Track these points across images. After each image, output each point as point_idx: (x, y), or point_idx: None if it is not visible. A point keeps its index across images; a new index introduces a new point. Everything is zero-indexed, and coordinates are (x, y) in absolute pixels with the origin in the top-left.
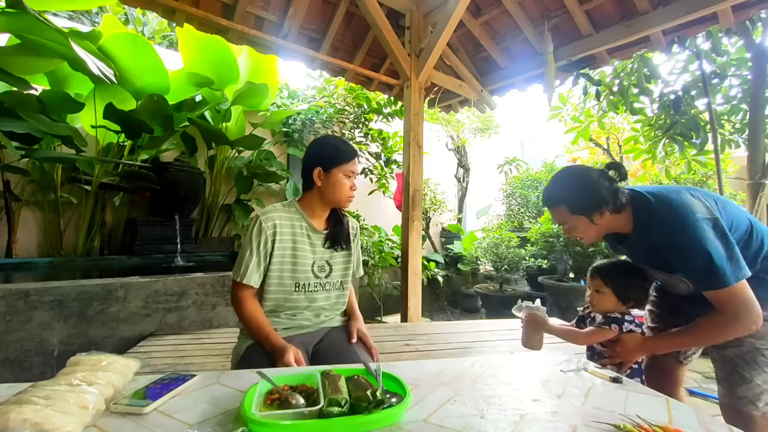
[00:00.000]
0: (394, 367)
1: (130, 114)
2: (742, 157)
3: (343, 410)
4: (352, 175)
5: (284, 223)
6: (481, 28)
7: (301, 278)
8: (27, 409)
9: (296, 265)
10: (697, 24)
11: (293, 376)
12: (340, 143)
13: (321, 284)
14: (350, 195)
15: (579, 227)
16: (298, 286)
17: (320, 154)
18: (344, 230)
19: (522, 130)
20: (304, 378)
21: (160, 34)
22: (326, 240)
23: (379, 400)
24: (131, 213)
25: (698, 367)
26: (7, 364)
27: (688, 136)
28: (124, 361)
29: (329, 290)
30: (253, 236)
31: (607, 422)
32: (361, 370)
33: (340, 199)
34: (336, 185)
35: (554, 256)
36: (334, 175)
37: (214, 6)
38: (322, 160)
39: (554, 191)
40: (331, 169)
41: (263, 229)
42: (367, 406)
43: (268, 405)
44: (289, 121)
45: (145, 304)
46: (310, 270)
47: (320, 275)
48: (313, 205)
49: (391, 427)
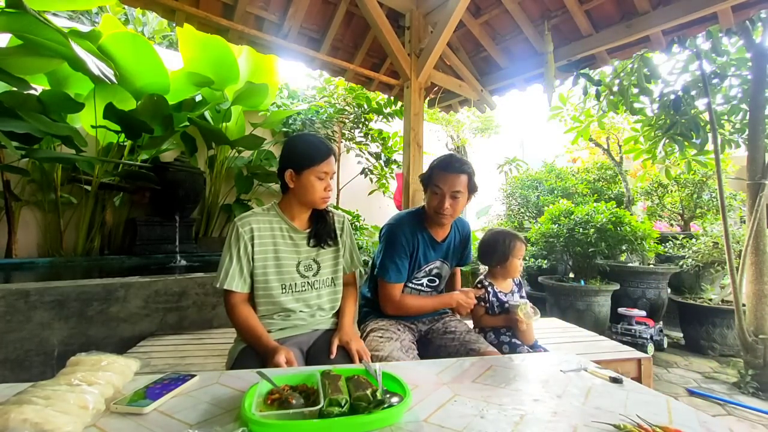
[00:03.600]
0: (394, 367)
1: (130, 114)
2: (742, 157)
3: (343, 410)
4: (325, 176)
5: (263, 227)
6: (481, 28)
7: (286, 279)
8: (27, 409)
9: (280, 267)
10: (697, 24)
11: (293, 376)
12: (310, 144)
13: (309, 283)
14: (324, 196)
15: (462, 201)
16: (285, 288)
17: (291, 156)
18: (328, 226)
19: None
20: (304, 378)
21: (160, 34)
22: (309, 239)
23: (379, 400)
24: (131, 213)
25: (698, 367)
26: (7, 364)
27: (688, 136)
28: (124, 361)
29: (319, 288)
30: (232, 242)
31: (607, 422)
32: (361, 370)
33: (314, 201)
34: (308, 187)
35: (554, 256)
36: (305, 178)
37: (214, 6)
38: (292, 163)
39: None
40: (302, 172)
41: (240, 234)
42: (367, 406)
43: (268, 405)
44: (289, 121)
45: (145, 304)
46: (295, 270)
47: (307, 274)
48: (291, 206)
49: (391, 427)
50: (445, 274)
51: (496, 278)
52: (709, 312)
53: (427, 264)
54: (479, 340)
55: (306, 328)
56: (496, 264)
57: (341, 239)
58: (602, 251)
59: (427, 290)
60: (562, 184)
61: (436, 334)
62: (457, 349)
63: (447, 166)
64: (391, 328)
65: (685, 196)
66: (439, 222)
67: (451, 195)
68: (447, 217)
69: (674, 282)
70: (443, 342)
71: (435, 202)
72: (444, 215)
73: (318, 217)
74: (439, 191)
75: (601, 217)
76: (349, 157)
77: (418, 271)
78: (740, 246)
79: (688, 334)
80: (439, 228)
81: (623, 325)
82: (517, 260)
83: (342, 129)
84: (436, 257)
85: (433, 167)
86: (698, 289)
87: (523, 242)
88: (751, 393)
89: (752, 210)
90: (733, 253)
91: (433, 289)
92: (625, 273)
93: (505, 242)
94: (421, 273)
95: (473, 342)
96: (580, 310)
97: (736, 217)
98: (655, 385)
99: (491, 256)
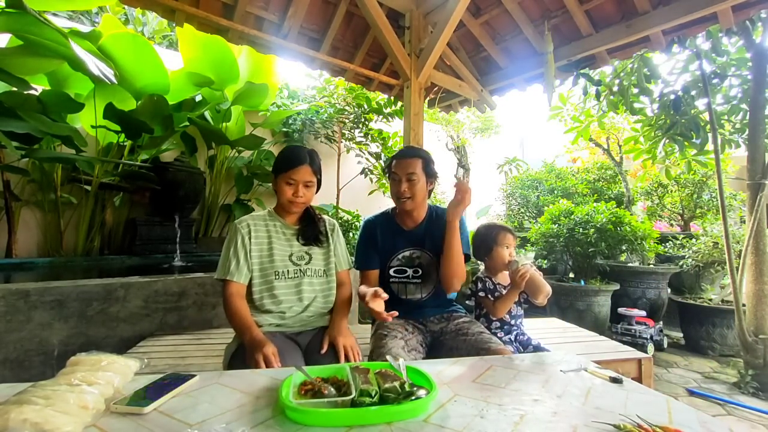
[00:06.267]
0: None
1: (130, 114)
2: (742, 157)
3: (373, 400)
4: (294, 182)
5: (258, 223)
6: (481, 28)
7: (280, 266)
8: (27, 409)
9: (273, 255)
10: (697, 24)
11: (325, 368)
12: (287, 153)
13: (302, 270)
14: (292, 200)
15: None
16: (278, 274)
17: (274, 163)
18: (315, 228)
19: (522, 130)
20: (334, 370)
21: (160, 34)
22: (299, 235)
23: (408, 392)
24: (131, 213)
25: (698, 367)
26: (7, 364)
27: (688, 136)
28: (124, 361)
29: (311, 276)
30: (230, 239)
31: (607, 422)
32: (386, 364)
33: (283, 203)
34: (279, 191)
35: (554, 256)
36: (278, 182)
37: (214, 6)
38: (273, 169)
39: (419, 150)
40: (277, 177)
41: (238, 230)
42: (396, 397)
43: (301, 395)
44: (289, 121)
45: (145, 304)
46: (287, 259)
47: (300, 263)
48: (280, 208)
49: (391, 426)
50: (429, 263)
51: (492, 272)
52: (709, 312)
53: (399, 251)
54: (492, 339)
55: (298, 326)
56: (484, 256)
57: (332, 239)
58: (602, 251)
59: (414, 281)
60: (562, 184)
61: (449, 336)
62: (468, 351)
63: (401, 153)
64: (398, 328)
65: (685, 196)
66: (403, 207)
67: (407, 178)
68: (407, 201)
69: (674, 282)
70: (455, 344)
71: (394, 189)
72: (403, 199)
73: (307, 217)
74: (396, 177)
75: (601, 217)
76: (349, 157)
77: (391, 260)
78: (740, 246)
79: (688, 334)
80: (407, 217)
81: (623, 325)
82: (501, 248)
83: (342, 129)
84: (406, 245)
85: (391, 157)
86: (698, 289)
87: (508, 231)
88: (751, 393)
89: (752, 210)
90: (733, 253)
91: (421, 286)
92: (625, 273)
93: (488, 233)
94: (395, 261)
95: (485, 342)
96: (580, 310)
97: (736, 217)
98: (655, 385)
99: (479, 248)
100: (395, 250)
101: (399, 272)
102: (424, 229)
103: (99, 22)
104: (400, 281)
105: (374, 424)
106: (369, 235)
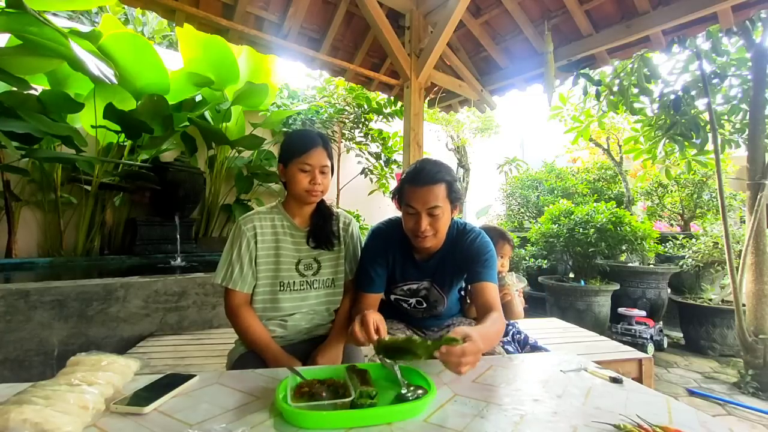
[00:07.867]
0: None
1: (130, 114)
2: (742, 157)
3: (373, 402)
4: (309, 168)
5: (265, 224)
6: (481, 28)
7: (285, 277)
8: (27, 409)
9: (279, 264)
10: (697, 24)
11: (321, 370)
12: (295, 137)
13: (308, 282)
14: (309, 189)
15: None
16: (282, 285)
17: (281, 150)
18: (327, 228)
19: (522, 130)
20: (331, 372)
21: (160, 34)
22: (308, 239)
23: (406, 393)
24: (131, 213)
25: (698, 367)
26: (7, 364)
27: (688, 136)
28: (124, 361)
29: (318, 288)
30: (234, 241)
31: (607, 422)
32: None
33: (299, 194)
34: (293, 180)
35: (554, 256)
36: (290, 170)
37: (214, 6)
38: (281, 157)
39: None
40: (288, 164)
41: (243, 232)
42: (396, 398)
43: (297, 398)
44: (289, 121)
45: (145, 304)
46: (294, 268)
47: (307, 273)
48: (290, 202)
49: (391, 426)
50: (436, 299)
51: None
52: (709, 312)
53: (405, 282)
54: None
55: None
56: None
57: (344, 241)
58: (602, 251)
59: (418, 308)
60: (562, 184)
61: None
62: None
63: (417, 178)
64: (398, 333)
65: (685, 196)
66: (422, 245)
67: (428, 213)
68: (428, 239)
69: (674, 282)
70: None
71: (411, 224)
72: (424, 238)
73: (319, 216)
74: (413, 211)
75: (601, 217)
76: (349, 157)
77: (395, 289)
78: (740, 246)
79: (688, 334)
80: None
81: (623, 325)
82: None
83: (342, 129)
84: (417, 277)
85: (403, 181)
86: (698, 289)
87: (506, 240)
88: (751, 393)
89: (752, 210)
90: (733, 253)
91: (423, 311)
92: (625, 273)
93: None
94: (398, 290)
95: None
96: (580, 310)
97: (736, 217)
98: (655, 385)
99: None
100: (401, 280)
101: (401, 300)
102: (437, 261)
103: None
104: (401, 300)
105: (374, 425)
106: (379, 250)
